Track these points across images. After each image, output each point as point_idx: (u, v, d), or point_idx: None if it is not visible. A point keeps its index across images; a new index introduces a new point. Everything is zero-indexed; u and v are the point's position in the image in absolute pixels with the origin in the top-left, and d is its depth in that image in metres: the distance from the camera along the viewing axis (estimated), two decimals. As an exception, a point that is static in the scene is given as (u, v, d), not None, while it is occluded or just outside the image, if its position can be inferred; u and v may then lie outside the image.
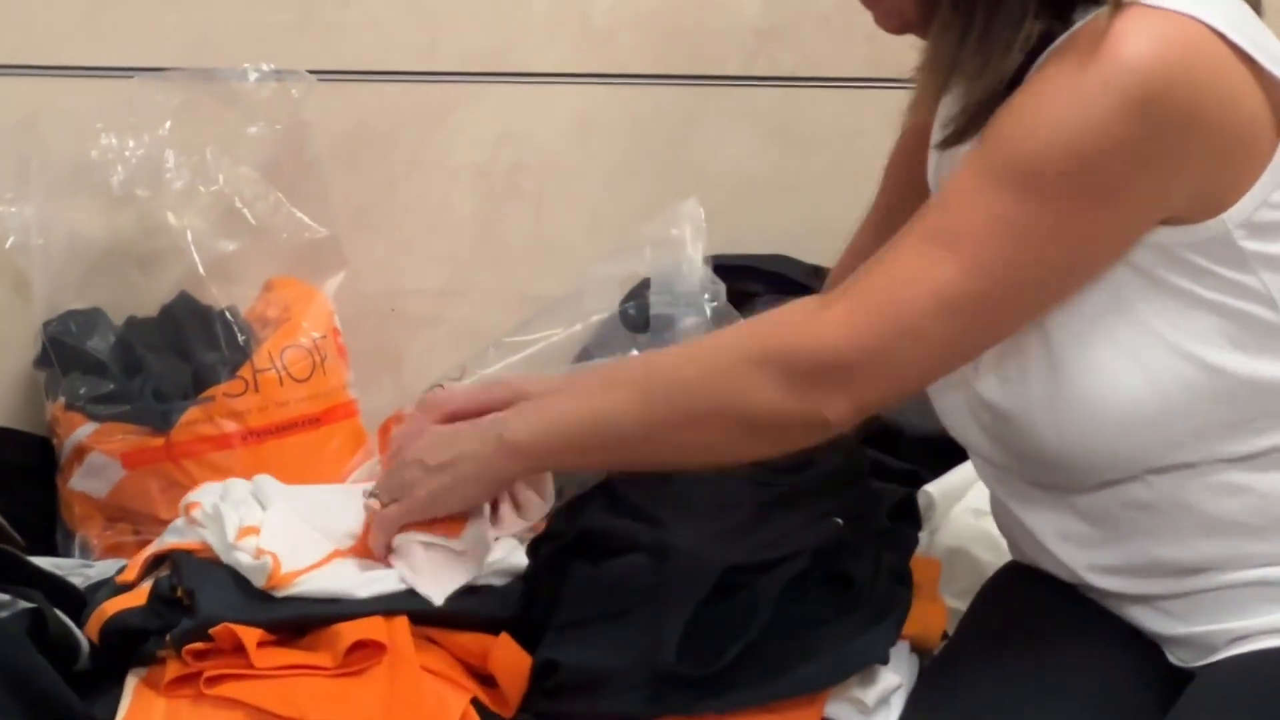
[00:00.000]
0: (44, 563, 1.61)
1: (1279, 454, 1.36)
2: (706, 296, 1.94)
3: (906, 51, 2.06)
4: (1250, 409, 1.35)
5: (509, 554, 1.51)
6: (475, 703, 1.43)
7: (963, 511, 1.77)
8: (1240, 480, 1.36)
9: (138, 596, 1.50)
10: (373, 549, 1.52)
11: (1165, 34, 1.26)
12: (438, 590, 1.48)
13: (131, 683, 1.45)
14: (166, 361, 1.91)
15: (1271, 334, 1.33)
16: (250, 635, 1.41)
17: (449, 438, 1.50)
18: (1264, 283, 1.32)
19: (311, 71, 2.00)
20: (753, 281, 2.05)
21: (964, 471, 1.80)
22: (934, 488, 1.80)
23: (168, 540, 1.58)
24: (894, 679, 1.48)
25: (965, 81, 1.37)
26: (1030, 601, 1.51)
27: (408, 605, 1.47)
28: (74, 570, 1.73)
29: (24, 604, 1.45)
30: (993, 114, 1.34)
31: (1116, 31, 1.26)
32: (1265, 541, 1.37)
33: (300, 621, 1.45)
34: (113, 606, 1.48)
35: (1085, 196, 1.29)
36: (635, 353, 1.86)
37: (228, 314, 1.93)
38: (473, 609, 1.49)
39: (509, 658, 1.45)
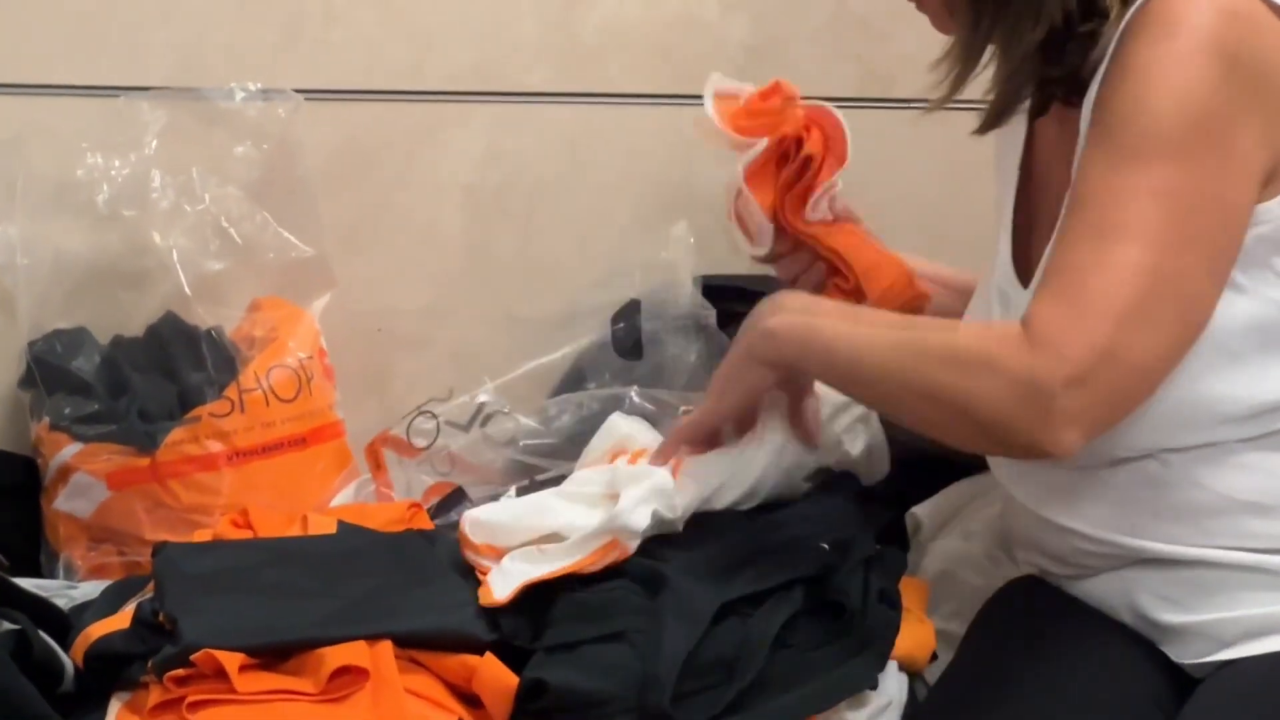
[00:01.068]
0: (28, 584, 1.60)
1: None
2: (698, 321, 1.94)
3: (896, 71, 2.08)
4: (1273, 399, 1.38)
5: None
6: (461, 725, 1.42)
7: (950, 534, 1.77)
8: (1254, 460, 1.39)
9: (122, 620, 1.49)
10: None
11: (1220, 4, 1.35)
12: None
13: (115, 707, 1.44)
14: (152, 381, 1.91)
15: None
16: (232, 660, 1.40)
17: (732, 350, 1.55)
18: None
19: (299, 91, 2.00)
20: (741, 302, 2.05)
21: (951, 494, 1.80)
22: (921, 510, 1.79)
23: None
24: (884, 697, 1.48)
25: (997, 65, 1.45)
26: (1032, 616, 1.53)
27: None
28: (58, 592, 1.72)
29: (8, 625, 1.45)
30: (1017, 96, 1.45)
31: (1180, 7, 1.35)
32: (1270, 520, 1.40)
33: (283, 646, 1.45)
34: (97, 630, 1.48)
35: (1212, 151, 1.35)
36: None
37: (214, 334, 1.93)
38: (456, 628, 1.48)
39: (494, 678, 1.45)
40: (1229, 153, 1.35)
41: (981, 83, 1.49)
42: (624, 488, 1.51)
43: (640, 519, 1.49)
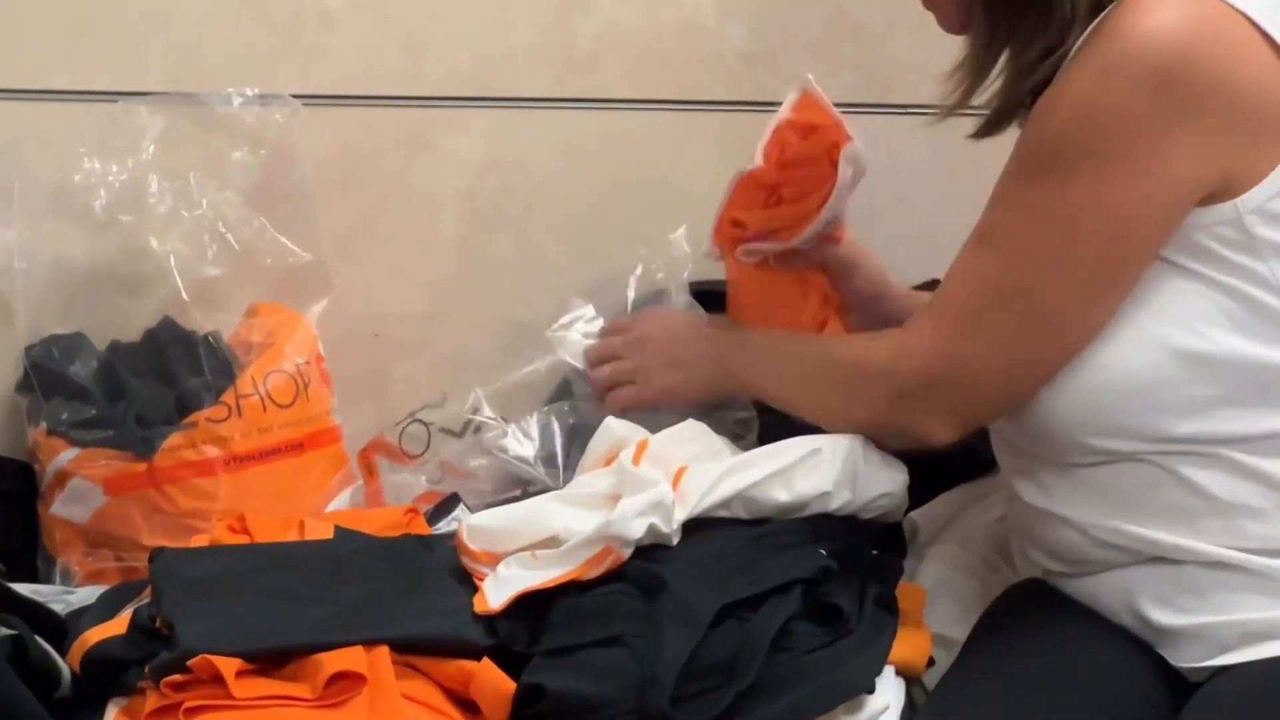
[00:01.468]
0: (25, 589, 1.60)
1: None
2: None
3: (892, 77, 2.08)
4: (1249, 393, 1.38)
5: None
6: (458, 731, 1.42)
7: (948, 539, 1.77)
8: (1249, 462, 1.40)
9: (119, 625, 1.49)
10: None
11: (1187, 12, 1.31)
12: None
13: (112, 712, 1.44)
14: (149, 386, 1.90)
15: (1275, 321, 1.36)
16: (229, 666, 1.40)
17: (693, 343, 1.72)
18: (1273, 271, 1.36)
19: (296, 95, 1.99)
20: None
21: (949, 500, 1.80)
22: (919, 515, 1.79)
23: None
24: (881, 701, 1.48)
25: (1004, 75, 1.47)
26: (1033, 621, 1.53)
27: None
28: (55, 597, 1.72)
29: (5, 631, 1.45)
30: (1019, 105, 1.46)
31: (1139, 7, 1.32)
32: (1264, 523, 1.40)
33: (280, 652, 1.45)
34: (94, 636, 1.48)
35: (1108, 169, 1.33)
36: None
37: (211, 339, 1.93)
38: (453, 634, 1.48)
39: (492, 683, 1.45)
40: (1139, 169, 1.32)
41: (981, 90, 1.50)
42: (626, 493, 1.51)
43: (636, 530, 1.49)
